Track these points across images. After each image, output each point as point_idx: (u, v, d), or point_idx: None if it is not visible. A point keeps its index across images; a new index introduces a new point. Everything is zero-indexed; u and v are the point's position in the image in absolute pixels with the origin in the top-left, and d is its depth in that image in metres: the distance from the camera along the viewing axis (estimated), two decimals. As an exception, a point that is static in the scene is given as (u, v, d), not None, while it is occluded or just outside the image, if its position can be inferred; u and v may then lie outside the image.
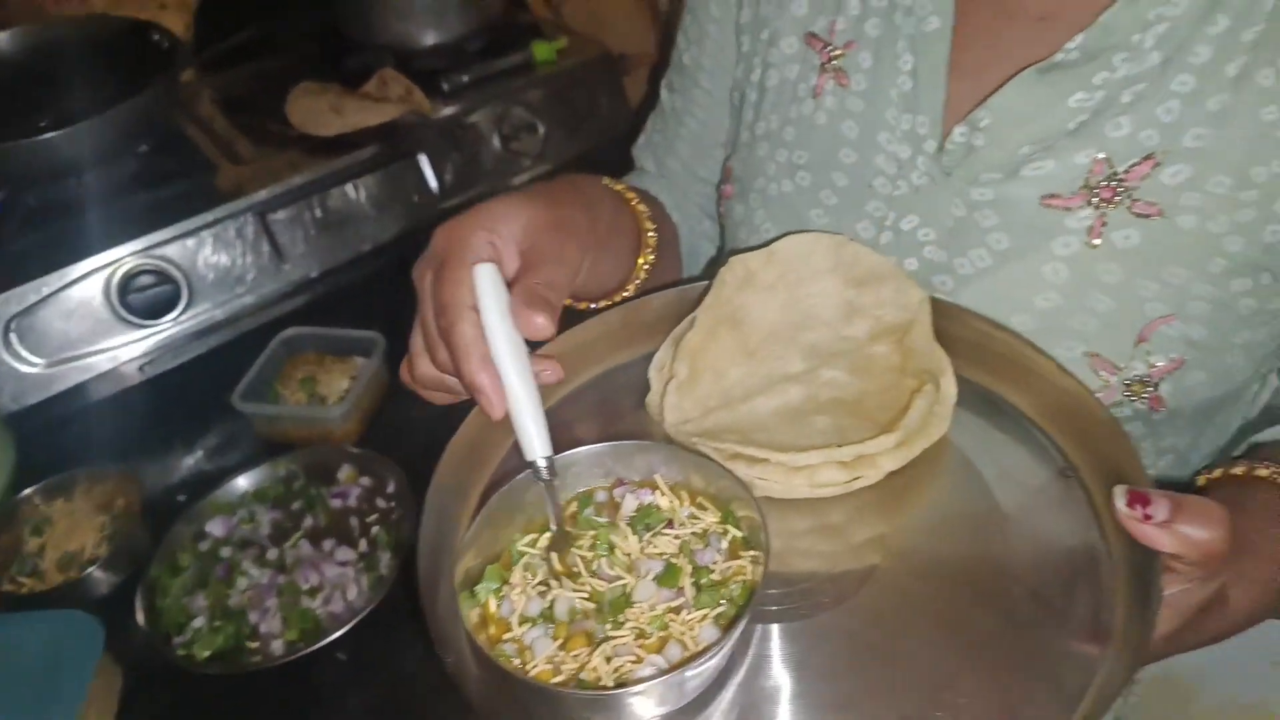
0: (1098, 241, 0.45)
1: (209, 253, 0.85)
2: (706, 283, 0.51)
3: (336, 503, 0.72)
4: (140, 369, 0.84)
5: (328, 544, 0.68)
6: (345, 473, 0.74)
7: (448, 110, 0.96)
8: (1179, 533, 0.36)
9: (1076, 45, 0.44)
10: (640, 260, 0.56)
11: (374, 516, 0.70)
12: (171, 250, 0.84)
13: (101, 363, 0.82)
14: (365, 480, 0.73)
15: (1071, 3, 0.44)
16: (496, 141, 0.98)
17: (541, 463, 0.41)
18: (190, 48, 1.08)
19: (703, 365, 0.48)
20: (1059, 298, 0.46)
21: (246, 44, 1.09)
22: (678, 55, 0.65)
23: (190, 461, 0.82)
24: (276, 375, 0.83)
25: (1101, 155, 0.44)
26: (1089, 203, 0.45)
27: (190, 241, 0.84)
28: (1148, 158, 0.43)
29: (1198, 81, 0.42)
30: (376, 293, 0.92)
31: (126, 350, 0.83)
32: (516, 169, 0.99)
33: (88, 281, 0.81)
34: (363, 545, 0.68)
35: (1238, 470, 0.46)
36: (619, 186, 0.57)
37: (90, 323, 0.81)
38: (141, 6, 1.15)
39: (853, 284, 0.48)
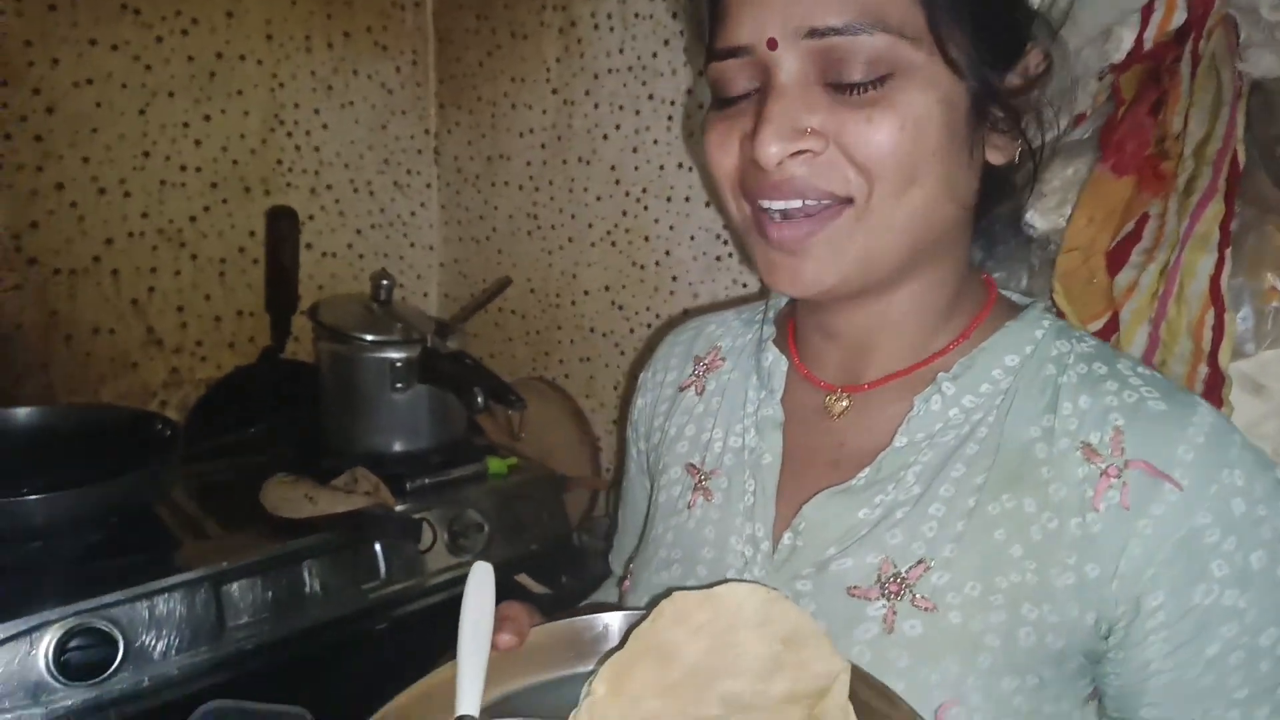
0: (891, 631, 0.54)
1: (155, 617, 0.89)
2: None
3: None
4: (49, 733, 0.81)
5: None
6: None
7: (407, 506, 1.08)
8: None
9: (864, 476, 0.58)
10: None
11: None
12: (118, 612, 0.86)
13: (14, 720, 0.79)
14: None
15: (848, 455, 0.61)
16: (446, 536, 1.09)
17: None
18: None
19: (621, 689, 0.50)
20: None
21: (234, 444, 1.24)
22: (621, 479, 0.82)
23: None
24: (188, 750, 0.81)
25: (885, 557, 0.56)
26: (882, 594, 0.55)
27: (141, 605, 0.88)
28: (920, 562, 0.55)
29: (946, 509, 0.56)
30: (308, 671, 0.95)
31: (43, 710, 0.81)
32: (461, 562, 1.09)
33: (26, 638, 0.82)
34: None
35: None
36: None
37: (16, 679, 0.81)
38: (144, 402, 1.32)
39: (779, 640, 0.51)
